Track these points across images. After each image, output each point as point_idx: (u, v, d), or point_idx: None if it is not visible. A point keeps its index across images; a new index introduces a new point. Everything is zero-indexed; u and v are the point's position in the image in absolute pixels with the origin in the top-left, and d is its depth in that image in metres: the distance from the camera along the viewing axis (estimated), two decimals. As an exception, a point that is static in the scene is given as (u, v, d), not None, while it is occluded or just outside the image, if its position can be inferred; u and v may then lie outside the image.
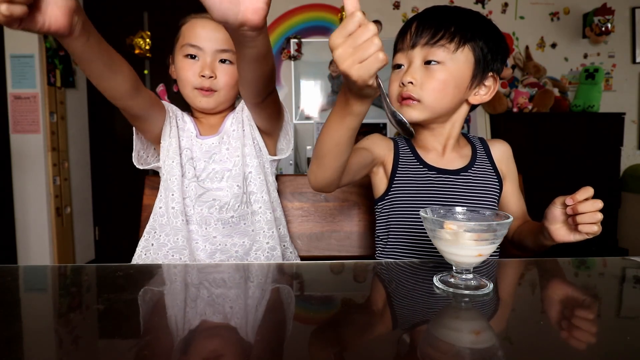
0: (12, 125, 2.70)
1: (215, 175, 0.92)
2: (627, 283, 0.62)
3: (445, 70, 0.76)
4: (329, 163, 0.67)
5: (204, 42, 0.88)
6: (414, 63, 0.77)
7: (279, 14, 3.12)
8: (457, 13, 0.78)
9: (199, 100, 0.91)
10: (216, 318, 0.48)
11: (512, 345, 0.42)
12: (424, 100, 0.77)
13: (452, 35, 0.75)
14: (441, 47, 0.75)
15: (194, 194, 0.90)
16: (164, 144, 0.91)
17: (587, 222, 0.65)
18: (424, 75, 0.76)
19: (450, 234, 0.52)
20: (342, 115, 0.60)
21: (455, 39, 0.75)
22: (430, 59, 0.76)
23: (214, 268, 0.66)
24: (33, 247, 2.76)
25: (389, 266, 0.67)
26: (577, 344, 0.42)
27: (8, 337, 0.42)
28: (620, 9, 3.08)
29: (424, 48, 0.76)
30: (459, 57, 0.76)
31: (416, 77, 0.76)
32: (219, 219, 0.90)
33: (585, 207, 0.65)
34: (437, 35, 0.75)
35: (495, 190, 0.84)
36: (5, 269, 0.65)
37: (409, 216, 0.82)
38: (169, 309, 0.50)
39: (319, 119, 3.17)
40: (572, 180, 2.80)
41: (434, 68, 0.76)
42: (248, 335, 0.43)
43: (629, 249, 2.83)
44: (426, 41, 0.76)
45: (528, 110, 2.89)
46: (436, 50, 0.75)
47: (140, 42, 2.97)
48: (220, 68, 0.90)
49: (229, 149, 0.93)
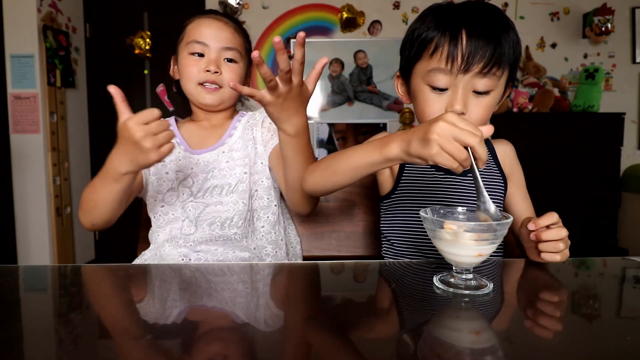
0: (12, 125, 2.70)
1: (214, 190, 0.89)
2: (627, 283, 0.62)
3: (491, 97, 0.72)
4: (337, 180, 0.70)
5: (209, 40, 0.88)
6: (463, 91, 0.70)
7: (279, 14, 3.12)
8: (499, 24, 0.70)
9: (203, 96, 0.90)
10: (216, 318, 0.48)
11: (512, 345, 0.42)
12: None
13: (502, 61, 0.69)
14: (493, 75, 0.69)
15: (192, 215, 0.88)
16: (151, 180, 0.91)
17: (549, 251, 0.62)
18: (471, 104, 0.71)
19: (450, 234, 0.52)
20: (376, 151, 0.62)
21: (503, 64, 0.70)
22: (482, 90, 0.70)
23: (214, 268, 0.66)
24: (33, 247, 2.76)
25: (389, 266, 0.67)
26: (577, 344, 0.42)
27: (8, 337, 0.42)
28: (620, 9, 3.07)
29: (476, 76, 0.69)
30: (502, 81, 0.72)
31: (467, 108, 0.71)
32: (220, 236, 0.88)
33: (548, 235, 0.62)
34: (490, 63, 0.68)
35: (500, 191, 0.84)
36: (5, 269, 0.65)
37: (415, 216, 0.82)
38: (169, 309, 0.50)
39: (319, 119, 3.17)
40: (572, 180, 2.80)
41: (484, 97, 0.71)
42: (248, 335, 0.43)
43: (629, 249, 2.82)
44: (480, 69, 0.68)
45: (528, 110, 2.88)
46: (488, 81, 0.69)
47: (140, 42, 2.97)
48: (225, 66, 0.90)
49: (229, 161, 0.90)
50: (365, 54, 3.13)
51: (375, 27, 3.13)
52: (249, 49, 0.96)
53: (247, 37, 0.97)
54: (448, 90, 0.71)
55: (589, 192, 2.83)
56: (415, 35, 0.74)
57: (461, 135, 0.51)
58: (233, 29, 0.92)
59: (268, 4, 3.12)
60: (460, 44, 0.68)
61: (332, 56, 3.16)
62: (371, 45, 3.12)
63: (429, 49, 0.71)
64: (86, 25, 3.14)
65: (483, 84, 0.69)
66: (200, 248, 0.88)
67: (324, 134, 3.09)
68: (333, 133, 3.09)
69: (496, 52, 0.68)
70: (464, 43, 0.68)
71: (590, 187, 2.83)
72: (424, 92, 0.73)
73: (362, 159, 0.65)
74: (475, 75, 0.69)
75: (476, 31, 0.68)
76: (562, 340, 0.43)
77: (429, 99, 0.73)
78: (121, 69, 3.14)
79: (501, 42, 0.68)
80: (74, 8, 3.03)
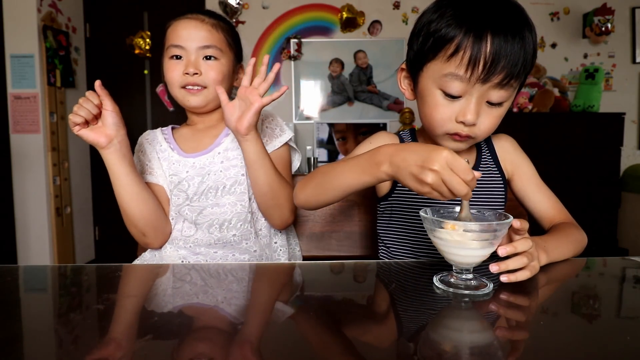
0: (12, 125, 2.70)
1: (209, 191, 0.89)
2: (627, 283, 0.62)
3: (504, 107, 0.69)
4: (329, 198, 0.71)
5: (186, 41, 0.87)
6: (478, 100, 0.66)
7: (279, 14, 3.12)
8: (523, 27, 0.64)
9: (188, 99, 0.89)
10: (216, 318, 0.48)
11: (512, 345, 0.42)
12: (477, 137, 0.71)
13: (520, 72, 0.65)
14: (510, 87, 0.65)
15: (190, 218, 0.88)
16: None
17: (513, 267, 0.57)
18: (483, 113, 0.67)
19: (450, 234, 0.52)
20: (366, 172, 0.62)
21: (520, 75, 0.65)
22: (497, 102, 0.66)
23: (214, 268, 0.66)
24: (33, 247, 2.76)
25: (389, 266, 0.67)
26: (577, 344, 0.42)
27: (8, 337, 0.42)
28: (620, 9, 3.08)
29: (494, 88, 0.64)
30: (515, 90, 0.69)
31: (480, 118, 0.67)
32: (219, 239, 0.88)
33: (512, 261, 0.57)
34: (510, 74, 0.63)
35: (499, 192, 0.81)
36: (5, 269, 0.65)
37: (412, 217, 0.81)
38: (168, 308, 0.50)
39: (318, 119, 3.17)
40: (572, 180, 2.81)
41: (496, 107, 0.68)
42: (249, 335, 0.43)
43: (629, 249, 2.83)
44: (499, 80, 0.63)
45: (528, 110, 2.89)
46: (504, 92, 0.65)
47: (140, 42, 2.97)
48: (205, 65, 0.88)
49: (224, 161, 0.90)
50: (365, 54, 3.13)
51: (375, 27, 3.13)
52: (234, 43, 0.94)
53: (230, 31, 0.94)
54: (461, 98, 0.66)
55: (589, 192, 2.83)
56: (431, 29, 0.66)
57: (452, 182, 0.51)
58: (210, 25, 0.89)
59: (268, 4, 3.12)
60: (484, 49, 0.61)
61: (332, 56, 3.16)
62: (371, 45, 3.12)
63: (447, 49, 0.64)
64: (86, 25, 3.14)
65: (499, 96, 0.66)
66: (199, 250, 0.88)
67: (324, 134, 3.09)
68: (333, 133, 3.09)
69: (519, 64, 0.63)
70: (487, 49, 0.61)
71: (590, 187, 2.83)
72: (435, 96, 0.68)
73: (353, 180, 0.64)
74: (494, 86, 0.64)
75: (502, 34, 0.62)
76: (562, 340, 0.43)
77: (439, 104, 0.68)
78: (121, 69, 3.14)
79: (525, 50, 0.63)
80: (74, 8, 3.03)
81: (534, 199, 0.81)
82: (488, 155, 0.84)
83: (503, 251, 0.55)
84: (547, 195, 0.81)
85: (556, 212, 0.80)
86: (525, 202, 0.83)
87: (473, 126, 0.67)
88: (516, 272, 0.56)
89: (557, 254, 0.66)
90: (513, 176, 0.83)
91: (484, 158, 0.83)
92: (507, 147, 0.85)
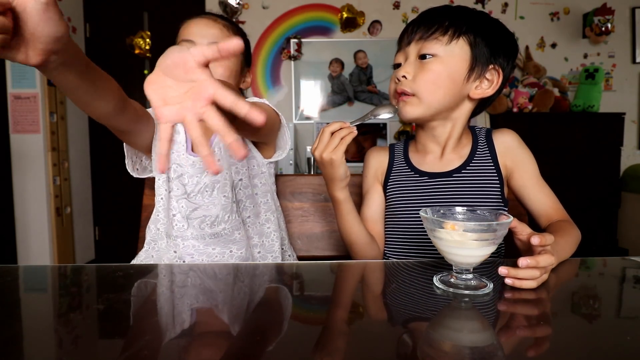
0: (12, 125, 2.70)
1: (205, 189, 0.88)
2: (627, 283, 0.62)
3: (439, 62, 0.76)
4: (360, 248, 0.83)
5: (196, 37, 0.89)
6: (409, 58, 0.78)
7: (279, 14, 3.12)
8: (455, 9, 0.79)
9: None
10: (216, 318, 0.48)
11: (512, 345, 0.42)
12: (418, 93, 0.77)
13: (446, 28, 0.76)
14: (434, 40, 0.76)
15: (184, 212, 0.88)
16: (153, 157, 0.90)
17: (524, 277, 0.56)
18: (417, 69, 0.77)
19: (450, 234, 0.52)
20: (336, 210, 0.81)
21: (449, 32, 0.76)
22: (423, 52, 0.76)
23: (213, 269, 0.66)
24: (33, 247, 2.76)
25: (389, 266, 0.67)
26: (577, 344, 0.42)
27: (8, 337, 0.42)
28: (620, 9, 3.08)
29: (419, 43, 0.77)
30: (453, 49, 0.76)
31: (409, 71, 0.77)
32: (212, 234, 0.88)
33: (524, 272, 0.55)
34: (431, 29, 0.76)
35: (494, 187, 0.80)
36: (5, 269, 0.65)
37: (404, 221, 0.83)
38: (168, 309, 0.50)
39: (318, 119, 3.17)
40: (572, 180, 2.81)
41: (428, 61, 0.76)
42: (248, 336, 0.43)
43: (629, 249, 2.83)
44: (420, 36, 0.77)
45: (528, 110, 2.89)
46: (429, 44, 0.76)
47: (140, 42, 2.97)
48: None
49: (220, 160, 0.90)
50: (365, 54, 3.13)
51: (375, 27, 3.13)
52: (244, 46, 0.94)
53: (241, 34, 0.95)
54: None
55: (589, 192, 2.83)
56: None
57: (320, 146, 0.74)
58: (222, 25, 0.92)
59: (268, 4, 3.12)
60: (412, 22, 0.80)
61: (332, 56, 3.16)
62: (371, 45, 3.12)
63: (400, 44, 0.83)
64: (86, 25, 3.14)
65: (425, 47, 0.76)
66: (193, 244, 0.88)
67: (324, 134, 3.09)
68: (333, 133, 3.09)
69: (438, 20, 0.76)
70: (413, 21, 0.80)
71: (590, 187, 2.83)
72: None
73: (342, 226, 0.82)
74: (418, 42, 0.77)
75: (429, 10, 0.80)
76: (562, 340, 0.43)
77: (391, 77, 0.83)
78: (121, 69, 3.13)
79: (451, 16, 0.77)
80: (74, 8, 3.03)
81: (533, 196, 0.81)
82: (485, 150, 0.83)
83: (524, 262, 0.54)
84: (546, 193, 0.81)
85: (554, 210, 0.80)
86: (523, 199, 0.82)
87: (408, 81, 0.77)
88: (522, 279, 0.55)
89: (563, 255, 0.67)
90: (513, 172, 0.82)
91: (479, 153, 0.82)
92: (509, 143, 0.83)
